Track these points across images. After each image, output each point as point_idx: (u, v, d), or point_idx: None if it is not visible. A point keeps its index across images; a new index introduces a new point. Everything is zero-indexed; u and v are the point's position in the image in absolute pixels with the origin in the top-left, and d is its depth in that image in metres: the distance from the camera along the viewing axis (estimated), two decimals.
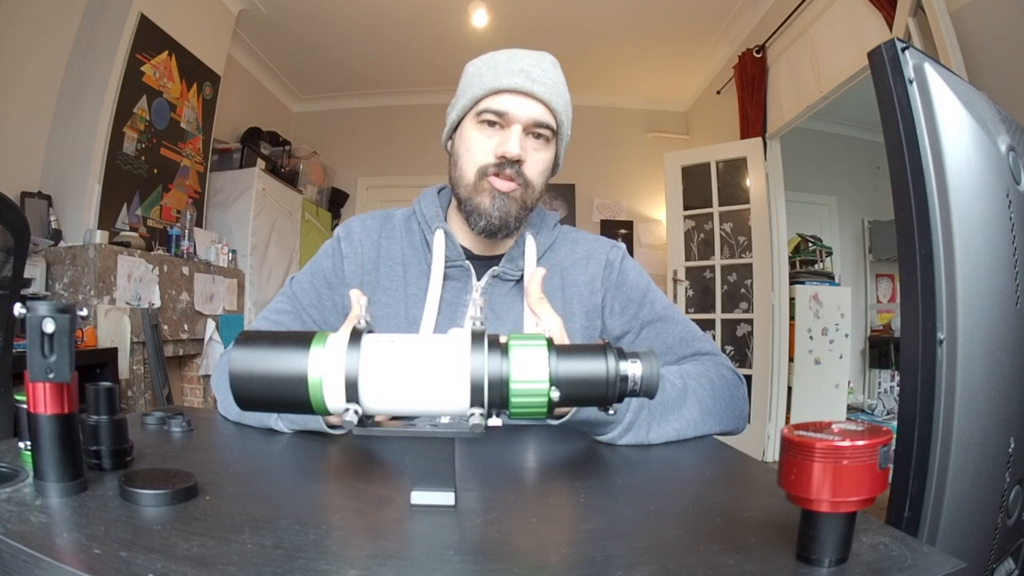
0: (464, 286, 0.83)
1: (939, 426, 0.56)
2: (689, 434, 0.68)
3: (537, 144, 0.80)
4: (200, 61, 3.15)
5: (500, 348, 0.41)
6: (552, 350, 0.41)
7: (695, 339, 0.83)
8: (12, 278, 1.18)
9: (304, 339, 0.41)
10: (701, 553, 0.35)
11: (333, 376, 0.40)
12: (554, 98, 0.78)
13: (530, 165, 0.80)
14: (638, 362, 0.43)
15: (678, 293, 3.69)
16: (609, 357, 0.42)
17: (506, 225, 0.80)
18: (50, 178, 2.49)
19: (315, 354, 0.40)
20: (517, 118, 0.77)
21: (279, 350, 0.41)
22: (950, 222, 0.57)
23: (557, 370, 0.41)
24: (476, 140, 0.80)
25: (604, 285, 0.87)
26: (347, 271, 0.85)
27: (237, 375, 0.40)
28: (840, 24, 2.66)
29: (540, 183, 0.82)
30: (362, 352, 0.40)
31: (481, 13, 3.53)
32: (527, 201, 0.81)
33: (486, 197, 0.79)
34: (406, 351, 0.41)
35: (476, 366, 0.40)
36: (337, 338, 0.41)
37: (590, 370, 0.42)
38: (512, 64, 0.78)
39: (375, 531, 0.39)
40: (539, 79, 0.77)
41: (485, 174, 0.79)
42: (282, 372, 0.40)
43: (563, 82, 0.82)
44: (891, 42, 0.60)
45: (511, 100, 0.77)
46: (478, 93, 0.79)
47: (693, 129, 4.68)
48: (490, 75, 0.78)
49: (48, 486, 0.41)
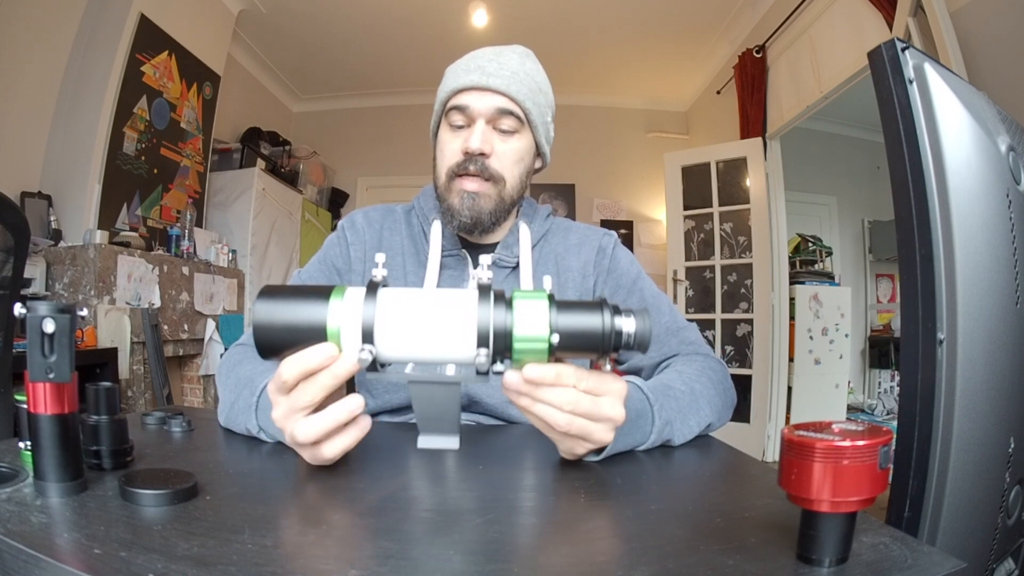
0: (461, 274, 0.86)
1: (939, 426, 0.56)
2: (703, 432, 0.68)
3: (504, 135, 0.81)
4: (200, 61, 3.15)
5: (505, 302, 0.44)
6: (553, 305, 0.44)
7: (680, 328, 0.85)
8: (12, 278, 1.18)
9: (324, 292, 0.44)
10: (701, 553, 0.35)
11: (351, 325, 0.43)
12: (513, 87, 0.79)
13: (499, 157, 0.81)
14: (632, 318, 0.45)
15: (678, 293, 3.69)
16: (605, 312, 0.44)
17: (479, 222, 0.82)
18: (50, 178, 2.49)
19: (334, 305, 0.43)
20: (478, 112, 0.80)
21: (300, 302, 0.44)
22: (950, 222, 0.57)
23: (557, 322, 0.44)
24: (446, 141, 0.83)
25: (596, 271, 0.89)
26: (353, 257, 0.88)
27: (260, 325, 0.43)
28: (840, 24, 2.66)
29: (515, 174, 0.83)
30: (378, 303, 0.43)
31: (481, 13, 3.53)
32: (502, 195, 0.82)
33: (455, 197, 0.81)
34: (419, 303, 0.44)
35: (483, 316, 0.43)
36: (355, 291, 0.44)
37: (587, 323, 0.44)
38: (470, 63, 0.81)
39: (375, 531, 0.39)
40: (495, 72, 0.79)
41: (454, 175, 0.81)
42: (303, 322, 0.43)
43: (530, 69, 0.82)
44: (891, 42, 0.60)
45: (469, 96, 0.80)
46: (444, 96, 0.82)
47: (693, 129, 4.68)
48: (451, 77, 0.82)
49: (48, 486, 0.41)
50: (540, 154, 0.88)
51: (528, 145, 0.84)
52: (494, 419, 0.81)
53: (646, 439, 0.60)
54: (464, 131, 0.81)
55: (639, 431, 0.59)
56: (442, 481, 0.51)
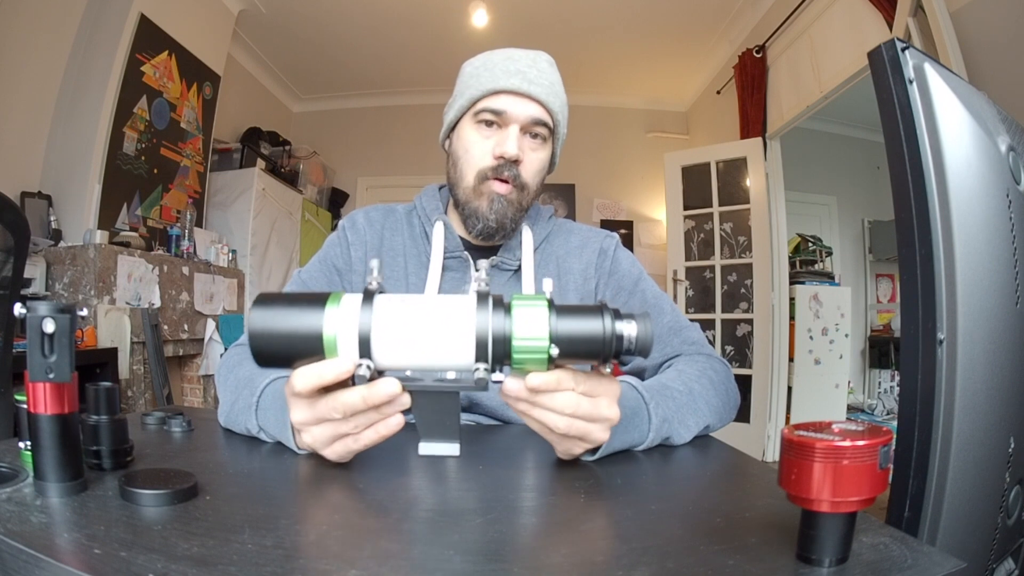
0: (463, 276, 0.85)
1: (939, 426, 0.56)
2: (702, 432, 0.68)
3: (535, 144, 0.82)
4: (200, 61, 3.15)
5: (504, 307, 0.43)
6: (552, 309, 0.43)
7: (682, 328, 0.84)
8: (12, 278, 1.18)
9: (320, 299, 0.43)
10: (701, 553, 0.35)
11: (347, 333, 0.42)
12: (551, 98, 0.80)
13: (527, 165, 0.81)
14: (633, 322, 0.44)
15: (678, 293, 3.69)
16: (605, 317, 0.44)
17: (503, 227, 0.82)
18: (50, 178, 2.49)
19: (330, 312, 0.43)
20: (515, 118, 0.79)
21: (296, 309, 0.43)
22: (950, 222, 0.57)
23: (557, 328, 0.43)
24: (474, 141, 0.81)
25: (597, 272, 0.89)
26: (354, 257, 0.87)
27: (256, 333, 0.42)
28: (840, 24, 2.66)
29: (536, 183, 0.84)
30: (375, 310, 0.42)
31: (481, 13, 3.53)
32: (523, 202, 0.83)
33: (484, 201, 0.81)
34: (416, 309, 0.43)
35: (481, 323, 0.42)
36: (351, 298, 0.43)
37: (587, 328, 0.43)
38: (509, 65, 0.79)
39: (375, 531, 0.39)
40: (536, 80, 0.79)
41: (485, 178, 0.80)
42: (299, 330, 0.42)
43: (559, 81, 0.83)
44: (891, 42, 0.60)
45: (508, 100, 0.78)
46: (476, 94, 0.80)
47: (693, 129, 4.68)
48: (487, 76, 0.80)
49: (48, 486, 0.41)
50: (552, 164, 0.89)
51: (548, 156, 0.85)
52: (493, 420, 0.81)
53: (644, 438, 0.60)
54: (494, 133, 0.80)
55: (636, 430, 0.59)
56: (442, 481, 0.51)
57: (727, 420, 0.74)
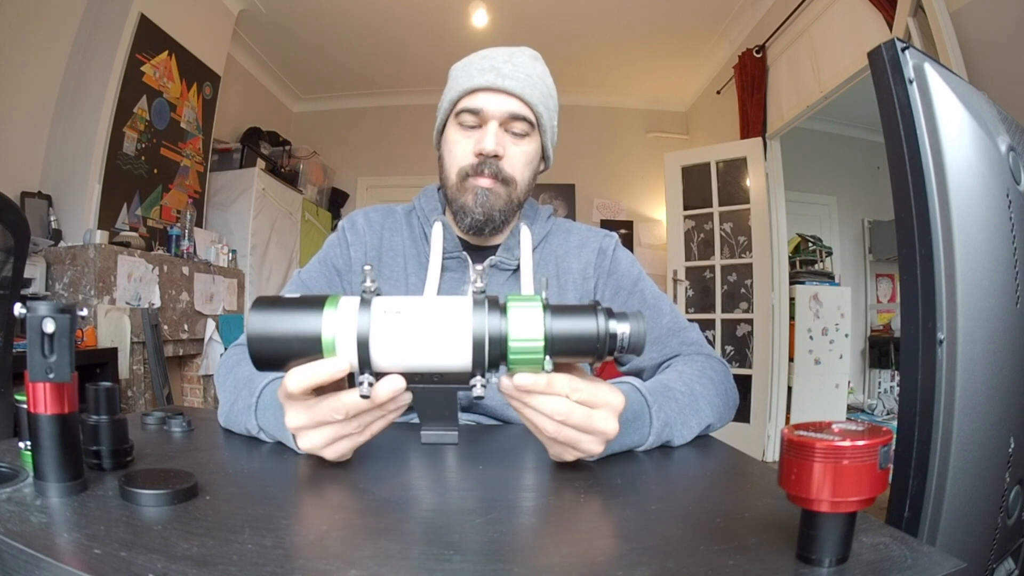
0: (462, 277, 0.85)
1: (939, 426, 0.56)
2: (703, 432, 0.68)
3: (516, 138, 0.82)
4: (200, 61, 3.15)
5: (499, 308, 0.44)
6: (547, 310, 0.44)
7: (682, 329, 0.84)
8: (12, 278, 1.18)
9: (318, 302, 0.44)
10: (701, 553, 0.35)
11: (346, 336, 0.42)
12: (527, 90, 0.80)
13: (510, 159, 0.82)
14: (626, 322, 0.45)
15: (678, 293, 3.69)
16: (599, 316, 0.44)
17: (491, 220, 0.82)
18: (50, 178, 2.49)
19: (328, 315, 0.43)
20: (491, 114, 0.80)
21: (294, 312, 0.43)
22: (950, 222, 0.57)
23: (551, 328, 0.43)
24: (456, 141, 0.82)
25: (596, 272, 0.89)
26: (353, 258, 0.87)
27: (254, 336, 0.43)
28: (840, 24, 2.66)
29: (524, 176, 0.84)
30: (372, 313, 0.43)
31: (481, 13, 3.53)
32: (512, 196, 0.83)
33: (469, 196, 0.81)
34: (414, 312, 0.43)
35: (477, 325, 0.42)
36: (349, 300, 0.44)
37: (581, 328, 0.44)
38: (484, 63, 0.81)
39: (375, 531, 0.39)
40: (510, 74, 0.79)
41: (467, 175, 0.81)
42: (297, 333, 0.43)
43: (540, 73, 0.83)
44: (891, 42, 0.60)
45: (484, 98, 0.79)
46: (454, 95, 0.82)
47: (693, 129, 4.68)
48: (464, 76, 0.81)
49: (48, 486, 0.41)
50: (544, 157, 0.88)
51: (537, 148, 0.85)
52: (494, 420, 0.81)
53: (644, 440, 0.60)
54: (475, 132, 0.81)
55: (636, 432, 0.59)
56: (442, 481, 0.51)
57: (727, 420, 0.74)
